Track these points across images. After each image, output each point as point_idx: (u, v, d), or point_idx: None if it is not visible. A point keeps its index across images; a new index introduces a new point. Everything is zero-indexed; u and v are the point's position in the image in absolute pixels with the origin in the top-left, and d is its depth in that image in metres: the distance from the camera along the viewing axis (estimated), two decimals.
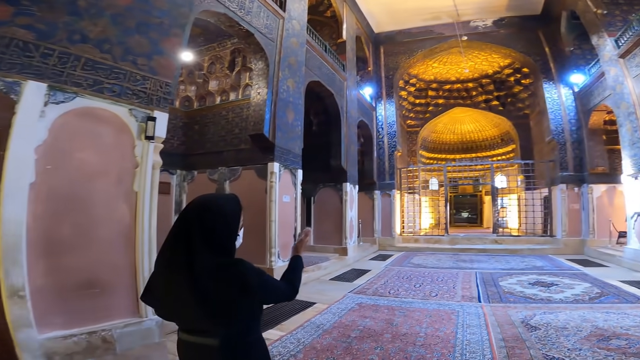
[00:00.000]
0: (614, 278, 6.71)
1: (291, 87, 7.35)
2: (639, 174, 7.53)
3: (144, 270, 3.28)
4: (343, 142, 9.76)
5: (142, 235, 3.27)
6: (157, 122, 3.48)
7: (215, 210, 1.12)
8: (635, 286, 5.94)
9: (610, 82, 8.50)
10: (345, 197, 9.66)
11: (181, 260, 1.03)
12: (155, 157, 3.46)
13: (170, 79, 3.87)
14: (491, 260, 9.64)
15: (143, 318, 3.19)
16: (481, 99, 15.52)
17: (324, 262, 8.26)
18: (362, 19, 13.03)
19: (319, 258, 8.75)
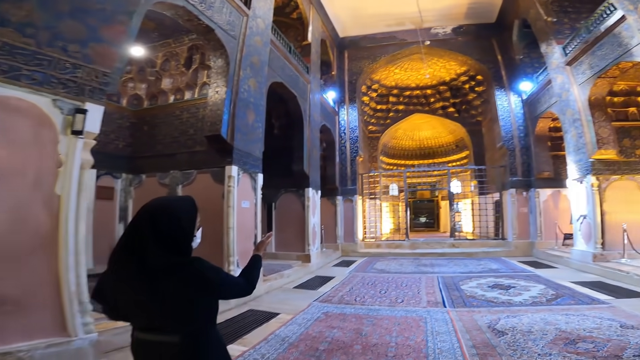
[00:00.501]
0: (564, 279, 7.03)
1: (252, 87, 6.99)
2: (583, 178, 8.05)
3: (71, 284, 2.78)
4: (305, 147, 9.50)
5: (66, 246, 2.75)
6: (89, 116, 2.97)
7: (169, 212, 1.12)
8: (587, 287, 6.23)
9: (557, 89, 9.05)
10: (307, 203, 9.37)
11: (135, 260, 1.04)
12: (84, 155, 2.93)
13: (109, 69, 3.40)
14: (450, 264, 9.83)
15: (72, 337, 2.75)
16: (438, 106, 16.09)
17: (286, 270, 7.92)
18: (328, 22, 13.00)
19: (281, 266, 8.38)
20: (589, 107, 7.83)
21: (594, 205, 7.63)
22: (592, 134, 7.72)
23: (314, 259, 9.40)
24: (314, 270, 8.99)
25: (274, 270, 7.79)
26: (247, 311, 5.13)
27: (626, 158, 7.75)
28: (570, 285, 6.50)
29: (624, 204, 7.55)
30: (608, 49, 6.93)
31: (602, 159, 7.69)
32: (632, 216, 7.41)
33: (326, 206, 12.54)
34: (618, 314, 4.41)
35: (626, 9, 5.76)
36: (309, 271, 8.77)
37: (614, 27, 6.49)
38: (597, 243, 7.52)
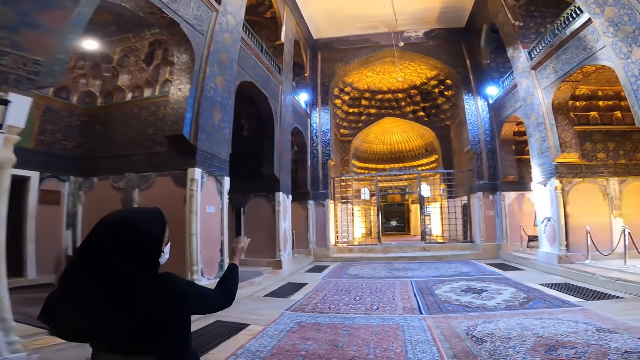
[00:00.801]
0: (532, 281, 7.14)
1: (220, 86, 6.59)
2: (547, 181, 8.30)
3: None
4: (276, 149, 9.14)
5: None
6: (12, 108, 2.49)
7: (133, 226, 1.03)
8: (555, 289, 6.33)
9: (522, 93, 9.32)
10: (278, 207, 9.00)
11: (96, 278, 0.95)
12: (4, 153, 2.44)
13: (42, 58, 2.98)
14: (422, 268, 9.81)
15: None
16: (409, 110, 16.29)
17: (256, 277, 7.54)
18: (302, 23, 12.78)
19: (251, 273, 7.97)
20: (552, 111, 8.09)
21: (557, 207, 7.87)
22: (555, 137, 7.98)
23: (285, 265, 9.03)
24: (285, 277, 8.64)
25: (243, 278, 7.37)
26: (214, 322, 4.71)
27: (588, 161, 8.09)
28: (539, 287, 6.59)
29: (587, 207, 7.86)
30: (573, 52, 7.17)
31: (565, 162, 7.97)
32: (594, 218, 7.71)
33: (298, 210, 12.22)
34: (591, 317, 4.42)
35: (592, 11, 5.95)
36: (281, 278, 8.43)
37: (579, 30, 6.73)
38: (561, 245, 7.75)
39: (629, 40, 5.37)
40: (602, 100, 8.50)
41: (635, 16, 5.17)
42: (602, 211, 7.87)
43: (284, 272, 8.74)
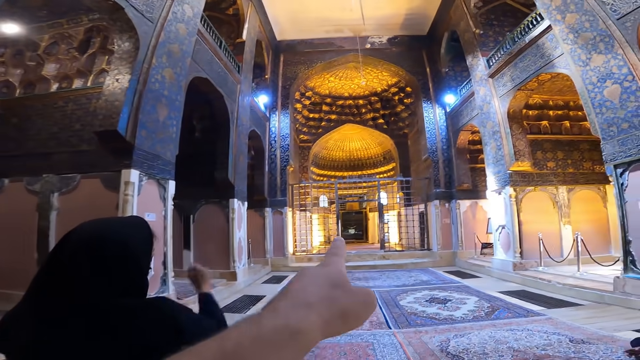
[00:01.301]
0: (492, 289, 7.16)
1: (168, 79, 5.87)
2: (502, 189, 8.52)
3: None
4: (231, 153, 8.44)
5: None
6: None
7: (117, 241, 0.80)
8: (515, 297, 6.35)
9: (479, 101, 9.56)
10: (232, 215, 8.26)
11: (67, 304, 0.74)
12: None
13: None
14: (383, 277, 9.59)
15: None
16: (369, 117, 16.33)
17: None
18: (266, 23, 12.28)
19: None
20: (508, 119, 8.34)
21: (512, 215, 8.07)
22: (510, 146, 8.21)
23: (240, 277, 8.29)
24: (241, 289, 7.96)
25: (192, 292, 6.57)
26: None
27: (539, 170, 8.44)
28: (499, 295, 6.58)
29: (538, 214, 8.15)
30: (530, 60, 7.42)
31: (519, 170, 8.23)
32: (545, 226, 8.01)
33: (254, 218, 11.51)
34: (559, 326, 4.34)
35: (554, 18, 6.13)
36: (236, 290, 7.74)
37: (538, 37, 6.96)
38: (516, 252, 7.93)
39: (588, 47, 5.55)
40: (552, 109, 8.97)
41: (597, 22, 5.34)
42: (552, 219, 8.22)
43: (239, 284, 8.02)
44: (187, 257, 8.28)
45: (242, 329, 0.27)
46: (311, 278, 0.34)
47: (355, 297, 0.33)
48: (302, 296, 0.31)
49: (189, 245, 8.31)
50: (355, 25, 12.56)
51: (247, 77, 10.29)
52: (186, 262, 8.29)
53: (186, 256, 8.30)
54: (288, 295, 0.31)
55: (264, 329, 0.27)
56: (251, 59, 10.80)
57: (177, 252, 8.26)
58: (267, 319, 0.28)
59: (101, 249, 0.79)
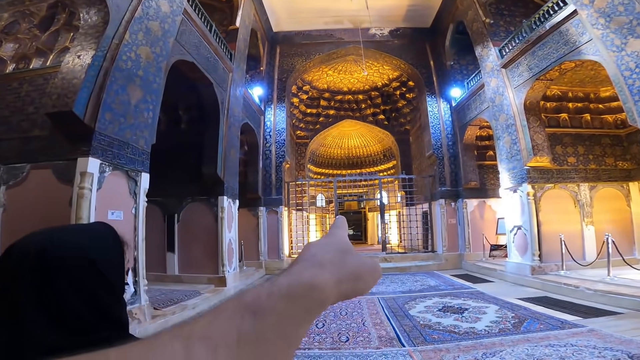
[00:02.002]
0: (510, 295, 6.45)
1: (144, 58, 5.17)
2: (518, 187, 7.81)
3: None
4: (221, 146, 7.67)
5: None
6: None
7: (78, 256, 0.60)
8: (539, 304, 5.66)
9: (490, 93, 8.87)
10: (221, 214, 7.46)
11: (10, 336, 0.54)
12: None
13: None
14: (387, 281, 8.86)
15: None
16: (369, 112, 15.64)
17: (192, 299, 6.05)
18: (262, 12, 11.59)
19: (185, 293, 6.42)
20: (524, 111, 7.66)
21: (530, 215, 7.36)
22: (527, 139, 7.53)
23: (230, 282, 7.52)
24: (230, 296, 7.15)
25: (173, 300, 5.81)
26: None
27: (559, 166, 7.75)
28: (520, 303, 5.88)
29: (558, 214, 7.44)
30: (552, 47, 6.75)
31: (537, 166, 7.53)
32: (566, 226, 7.30)
33: (247, 218, 10.74)
34: (608, 339, 3.63)
35: (580, 3, 5.50)
36: (225, 297, 6.95)
37: (561, 23, 6.29)
38: (534, 255, 7.22)
39: (623, 31, 4.91)
40: (572, 101, 8.29)
41: (633, 5, 4.70)
42: (573, 219, 7.52)
43: (228, 290, 7.25)
44: (172, 261, 7.48)
45: (260, 287, 0.28)
46: (320, 246, 0.35)
47: (363, 261, 0.34)
48: (314, 259, 0.32)
49: (173, 247, 7.50)
50: (356, 17, 11.86)
51: (240, 67, 9.56)
52: (170, 266, 7.50)
53: (170, 259, 7.50)
54: (300, 260, 0.33)
55: (280, 285, 0.28)
56: (245, 48, 10.07)
57: (160, 255, 7.47)
58: (283, 277, 0.29)
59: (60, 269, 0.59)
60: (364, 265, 0.34)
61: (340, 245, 0.35)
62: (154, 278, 7.52)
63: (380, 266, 0.36)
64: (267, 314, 0.26)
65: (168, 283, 7.21)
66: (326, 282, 0.30)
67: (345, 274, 0.32)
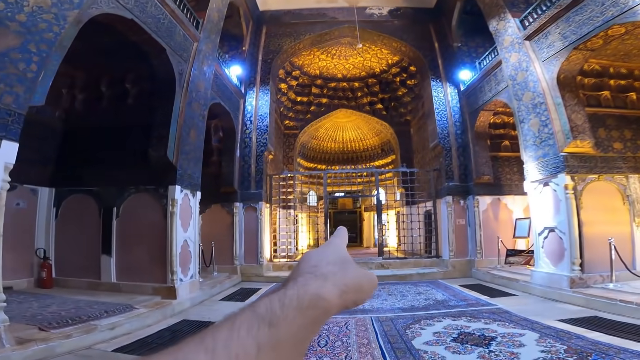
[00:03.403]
0: (546, 315, 4.88)
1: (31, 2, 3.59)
2: (551, 178, 6.20)
3: None
4: (175, 124, 6.11)
5: None
6: None
7: None
8: (595, 328, 4.10)
9: (509, 71, 7.37)
10: (172, 209, 5.84)
11: None
12: None
13: None
14: (383, 293, 7.27)
15: None
16: (366, 101, 14.10)
17: (112, 317, 4.56)
18: None
19: (111, 307, 4.88)
20: (558, 87, 6.13)
21: (568, 213, 5.75)
22: (564, 120, 5.97)
23: (184, 293, 5.93)
24: (182, 311, 5.63)
25: (80, 318, 4.22)
26: None
27: (603, 153, 6.15)
28: (566, 327, 4.31)
29: (604, 213, 5.84)
30: (594, 11, 5.29)
31: (578, 152, 5.93)
32: (613, 228, 5.69)
33: (220, 215, 9.21)
34: None
35: None
36: (173, 312, 5.44)
37: None
38: (574, 264, 5.61)
39: None
40: (613, 78, 6.73)
41: None
42: (621, 218, 5.93)
43: (180, 304, 5.67)
44: (107, 266, 5.86)
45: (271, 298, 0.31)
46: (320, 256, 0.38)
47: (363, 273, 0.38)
48: (317, 271, 0.35)
49: (109, 248, 5.88)
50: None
51: (212, 39, 8.00)
52: (106, 272, 5.89)
53: (106, 264, 5.88)
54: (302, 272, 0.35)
55: (290, 296, 0.31)
56: (220, 20, 8.51)
57: (93, 258, 5.86)
58: (290, 288, 0.32)
59: None
60: (363, 277, 0.37)
61: (339, 256, 0.39)
62: (86, 286, 5.96)
63: (376, 277, 0.39)
64: (281, 324, 0.28)
65: (99, 293, 5.60)
66: (331, 293, 0.33)
67: (347, 285, 0.35)
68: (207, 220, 9.23)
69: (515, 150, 9.83)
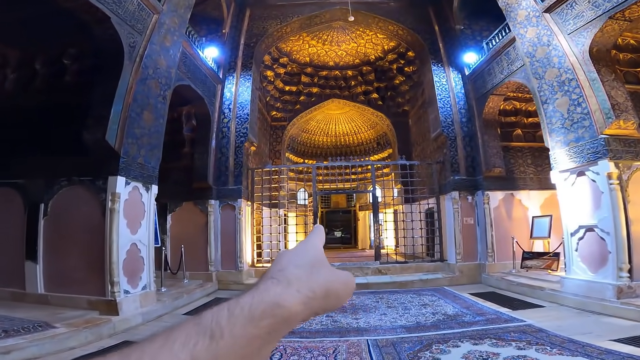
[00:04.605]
0: (597, 335, 3.75)
1: None
2: (588, 166, 5.05)
3: None
4: (121, 102, 4.92)
5: None
6: None
7: None
8: None
9: (526, 47, 6.30)
10: (113, 205, 4.61)
11: None
12: None
13: None
14: (381, 305, 6.09)
15: None
16: (360, 90, 12.99)
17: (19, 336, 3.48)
18: None
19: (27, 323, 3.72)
20: (591, 61, 5.06)
21: (614, 209, 4.60)
22: (601, 97, 4.90)
23: (130, 307, 4.74)
24: (128, 329, 4.45)
25: None
26: None
27: None
28: (631, 350, 3.16)
29: None
30: None
31: (621, 135, 4.81)
32: None
33: (192, 215, 8.02)
34: None
35: None
36: (110, 332, 4.24)
37: None
38: (621, 270, 4.48)
39: None
40: None
41: None
42: None
43: (126, 321, 4.54)
44: (33, 274, 4.62)
45: (220, 307, 0.28)
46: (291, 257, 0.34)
47: (335, 275, 0.34)
48: (280, 276, 0.32)
49: (35, 253, 4.63)
50: None
51: (180, 14, 6.83)
52: (31, 280, 4.65)
53: (31, 272, 4.64)
54: (267, 277, 0.32)
55: (242, 304, 0.28)
56: None
57: (17, 265, 4.63)
58: (247, 295, 0.29)
59: None
60: (336, 280, 0.34)
61: (313, 257, 0.35)
62: (10, 297, 4.75)
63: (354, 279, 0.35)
64: (225, 336, 0.25)
65: (21, 306, 4.38)
66: (292, 300, 0.29)
67: (314, 290, 0.31)
68: (177, 221, 8.04)
69: (528, 139, 8.77)
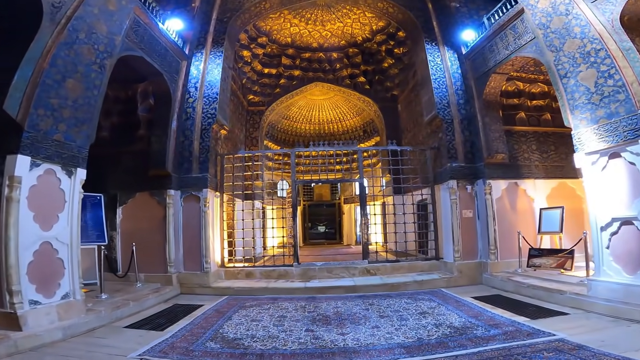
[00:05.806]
0: None
1: None
2: (624, 147, 4.13)
3: None
4: (31, 65, 3.68)
5: None
6: None
7: None
8: None
9: (539, 18, 5.41)
10: (10, 192, 3.40)
11: None
12: None
13: None
14: (372, 314, 5.06)
15: None
16: (346, 74, 11.90)
17: None
18: None
19: None
20: (622, 29, 4.19)
21: None
22: (638, 68, 4.00)
23: (43, 321, 3.70)
24: (35, 348, 3.43)
25: None
26: None
27: None
28: None
29: None
30: None
31: None
32: None
33: (148, 207, 6.87)
34: None
35: None
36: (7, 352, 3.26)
37: None
38: None
39: None
40: None
41: None
42: None
43: (34, 338, 3.52)
44: None
45: None
46: None
47: None
48: None
49: None
50: None
51: None
52: None
53: None
54: None
55: None
56: None
57: None
58: None
59: None
60: None
61: None
62: None
63: None
64: None
65: None
66: None
67: None
68: (129, 214, 6.84)
69: (533, 124, 7.92)
